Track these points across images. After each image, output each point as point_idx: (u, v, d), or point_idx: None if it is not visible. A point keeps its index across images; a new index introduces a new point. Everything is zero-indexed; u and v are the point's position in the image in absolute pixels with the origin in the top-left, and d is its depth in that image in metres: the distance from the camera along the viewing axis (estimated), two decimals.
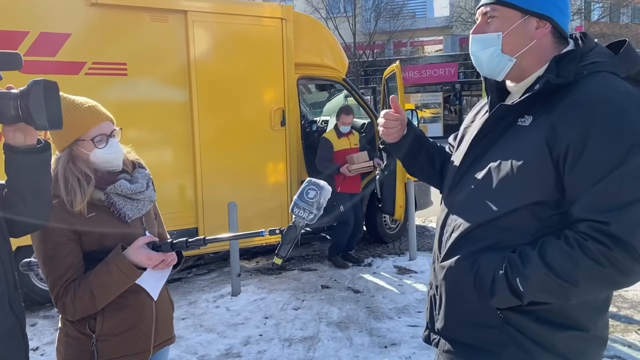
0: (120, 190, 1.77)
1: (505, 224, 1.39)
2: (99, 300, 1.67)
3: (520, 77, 1.49)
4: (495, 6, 1.43)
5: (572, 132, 1.29)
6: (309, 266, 6.29)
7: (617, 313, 4.59)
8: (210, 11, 5.59)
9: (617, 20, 27.90)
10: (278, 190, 6.15)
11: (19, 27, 4.66)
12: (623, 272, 1.26)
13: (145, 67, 5.24)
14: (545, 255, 1.31)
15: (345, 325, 4.45)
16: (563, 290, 1.31)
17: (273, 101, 6.03)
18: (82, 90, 4.79)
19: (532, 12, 1.42)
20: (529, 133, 1.37)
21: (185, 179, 5.58)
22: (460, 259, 1.45)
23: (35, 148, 1.53)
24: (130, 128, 4.94)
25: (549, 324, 1.37)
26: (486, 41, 1.46)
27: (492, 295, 1.37)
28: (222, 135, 5.69)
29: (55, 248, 1.67)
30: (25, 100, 1.40)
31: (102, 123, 1.76)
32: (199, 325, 4.51)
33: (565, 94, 1.35)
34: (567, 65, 1.37)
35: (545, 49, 1.44)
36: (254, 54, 5.83)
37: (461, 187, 1.53)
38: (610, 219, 1.23)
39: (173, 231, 5.25)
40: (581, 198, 1.28)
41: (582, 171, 1.28)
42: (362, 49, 24.92)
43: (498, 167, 1.41)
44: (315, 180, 1.59)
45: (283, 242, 1.59)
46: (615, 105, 1.28)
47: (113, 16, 5.05)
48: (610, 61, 1.39)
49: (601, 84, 1.33)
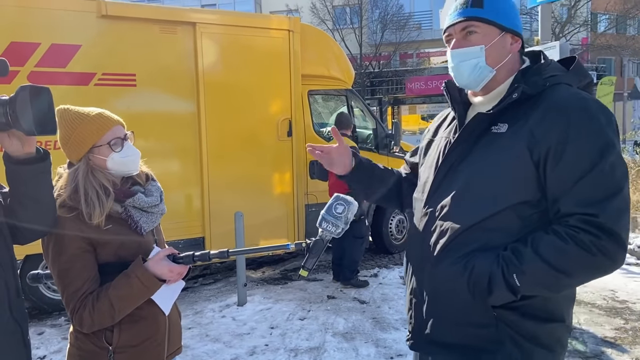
0: (138, 204, 1.78)
1: (491, 225, 1.47)
2: (118, 312, 1.66)
3: (490, 88, 1.60)
4: (477, 22, 1.54)
5: (551, 136, 1.41)
6: (315, 276, 6.29)
7: (624, 325, 4.56)
8: (218, 23, 5.66)
9: (623, 31, 27.90)
10: (284, 200, 6.18)
11: (30, 38, 4.74)
12: (611, 259, 1.37)
13: (154, 78, 5.30)
14: (538, 250, 1.39)
15: (352, 336, 4.44)
16: (557, 282, 1.41)
17: (280, 112, 6.07)
18: (92, 100, 4.87)
19: (508, 29, 1.55)
20: (508, 139, 1.48)
21: (192, 189, 5.61)
22: (453, 262, 1.51)
23: (33, 157, 1.52)
24: (138, 138, 4.96)
25: (534, 319, 1.47)
26: (469, 53, 1.55)
27: (490, 294, 1.44)
28: (229, 145, 5.73)
29: (71, 261, 1.65)
30: (13, 106, 1.40)
31: (114, 127, 1.77)
32: (205, 335, 4.52)
33: (534, 102, 1.47)
34: (532, 77, 1.51)
35: (514, 63, 1.59)
36: (261, 65, 5.88)
37: (441, 195, 1.59)
38: (598, 211, 1.35)
39: (179, 240, 5.29)
40: (567, 195, 1.39)
41: (564, 170, 1.39)
42: (369, 60, 25.02)
43: (480, 173, 1.51)
44: (343, 195, 1.66)
45: (310, 255, 1.64)
46: (587, 110, 1.42)
47: (123, 28, 5.13)
48: (565, 75, 1.54)
49: (568, 93, 1.47)
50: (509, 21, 1.55)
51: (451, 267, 1.51)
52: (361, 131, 7.29)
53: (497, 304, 1.46)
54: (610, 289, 5.56)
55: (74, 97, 4.64)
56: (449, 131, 1.69)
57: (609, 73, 26.35)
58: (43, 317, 5.03)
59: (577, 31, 24.25)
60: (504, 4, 1.56)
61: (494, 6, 1.54)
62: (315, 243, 1.64)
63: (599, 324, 4.62)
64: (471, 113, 1.63)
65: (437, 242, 1.56)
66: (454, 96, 1.69)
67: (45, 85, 1.48)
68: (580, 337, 4.32)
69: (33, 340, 4.48)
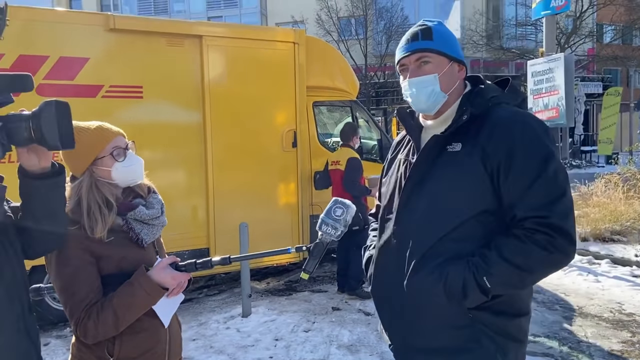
0: (139, 216, 1.80)
1: (458, 235, 1.63)
2: (122, 322, 1.67)
3: (441, 112, 1.77)
4: (429, 53, 1.72)
5: (500, 149, 1.59)
6: (320, 287, 6.28)
7: (631, 338, 4.52)
8: (224, 36, 5.72)
9: (629, 42, 27.87)
10: (289, 210, 6.19)
11: (39, 51, 4.80)
12: (564, 253, 1.56)
13: (160, 90, 5.35)
14: (502, 252, 1.56)
15: (356, 348, 4.42)
16: (521, 279, 1.60)
17: (285, 123, 6.10)
18: (99, 112, 4.91)
19: (455, 58, 1.75)
20: (463, 156, 1.65)
21: (198, 200, 5.64)
22: (428, 272, 1.64)
23: (50, 172, 1.53)
24: (144, 149, 5.02)
25: (504, 315, 1.64)
26: (426, 82, 1.72)
27: (465, 297, 1.58)
28: (235, 156, 5.76)
29: (74, 272, 1.67)
30: (37, 121, 1.40)
31: (115, 138, 1.79)
32: (209, 347, 4.51)
33: (482, 121, 1.65)
34: (476, 99, 1.70)
35: (460, 88, 1.78)
36: (267, 77, 5.93)
37: (409, 213, 1.73)
38: (548, 213, 1.53)
39: (184, 251, 5.29)
40: (519, 201, 1.57)
41: (514, 180, 1.57)
42: (374, 71, 25.09)
43: (443, 189, 1.67)
44: (341, 199, 1.73)
45: (310, 257, 1.70)
46: (526, 125, 1.62)
47: (130, 41, 5.19)
48: (503, 95, 1.74)
49: (509, 111, 1.67)
50: (455, 52, 1.75)
51: (427, 277, 1.64)
52: (366, 142, 7.31)
53: (472, 305, 1.60)
54: (617, 301, 5.52)
55: (82, 109, 4.68)
56: (406, 153, 1.85)
57: (615, 84, 26.28)
58: (48, 328, 5.04)
59: (582, 42, 24.24)
60: (448, 37, 1.76)
61: (442, 39, 1.73)
62: (315, 246, 1.69)
63: (605, 337, 4.58)
64: (425, 135, 1.80)
65: (411, 256, 1.68)
66: (407, 121, 1.87)
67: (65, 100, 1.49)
68: (587, 351, 4.28)
69: None
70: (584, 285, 6.13)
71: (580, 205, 8.75)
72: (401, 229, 1.74)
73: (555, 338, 4.56)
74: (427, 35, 1.72)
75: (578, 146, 22.65)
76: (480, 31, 24.86)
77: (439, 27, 1.75)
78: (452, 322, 1.64)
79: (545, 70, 7.90)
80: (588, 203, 8.91)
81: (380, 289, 1.82)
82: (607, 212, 8.37)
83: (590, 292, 5.88)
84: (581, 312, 5.26)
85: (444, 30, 1.76)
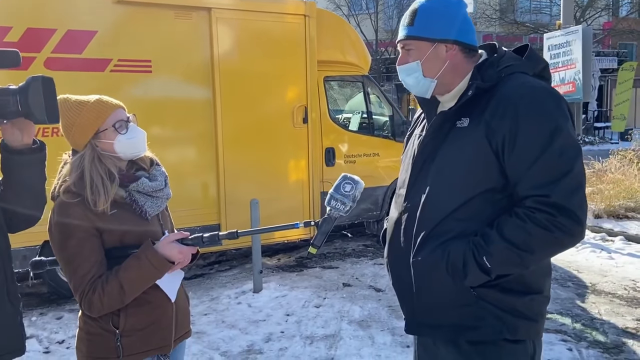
0: (142, 188, 1.78)
1: (464, 214, 1.60)
2: (128, 295, 1.67)
3: (446, 90, 1.72)
4: (409, 40, 1.69)
5: (504, 125, 1.53)
6: (330, 264, 6.28)
7: None
8: (234, 8, 5.61)
9: None
10: (300, 187, 6.15)
11: (46, 24, 4.73)
12: (568, 234, 1.50)
13: (169, 64, 5.28)
14: (502, 231, 1.52)
15: (367, 324, 4.43)
16: (522, 259, 1.53)
17: (295, 98, 6.02)
18: (107, 86, 4.87)
19: (438, 39, 1.65)
20: (469, 132, 1.60)
21: (208, 176, 5.61)
22: (432, 250, 1.63)
23: (31, 148, 1.59)
24: (154, 125, 4.99)
25: (512, 292, 1.59)
26: (409, 69, 1.70)
27: (465, 276, 1.56)
28: (245, 132, 5.70)
29: (78, 245, 1.66)
30: (25, 95, 1.48)
31: (116, 111, 1.77)
32: (221, 321, 4.54)
33: (492, 94, 1.59)
34: (487, 71, 1.64)
35: (460, 65, 1.68)
36: (277, 51, 5.83)
37: (418, 190, 1.70)
38: (549, 192, 1.48)
39: (196, 227, 5.28)
40: (522, 179, 1.52)
41: (518, 156, 1.52)
42: (384, 46, 24.77)
43: (449, 166, 1.64)
44: (350, 175, 1.71)
45: (318, 232, 1.69)
46: (534, 97, 1.54)
47: (138, 13, 5.11)
48: (520, 63, 1.65)
49: (519, 82, 1.58)
50: (440, 32, 1.65)
51: (431, 255, 1.62)
52: (377, 118, 7.21)
53: (474, 284, 1.58)
54: (631, 278, 5.46)
55: (90, 83, 4.64)
56: (421, 128, 1.82)
57: (631, 58, 25.75)
58: (61, 302, 5.09)
59: (598, 15, 23.70)
60: (434, 16, 1.65)
61: (423, 22, 1.66)
62: (324, 221, 1.69)
63: (619, 314, 4.54)
64: (439, 108, 1.76)
65: (417, 234, 1.67)
66: (419, 97, 1.80)
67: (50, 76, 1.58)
68: (601, 328, 4.25)
69: (52, 324, 4.56)
70: (597, 262, 6.07)
71: (594, 182, 8.66)
72: (410, 205, 1.72)
73: (568, 315, 4.53)
74: (410, 20, 1.68)
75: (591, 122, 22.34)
76: (493, 4, 24.34)
77: (426, 6, 1.66)
78: (456, 300, 1.62)
79: (562, 44, 7.71)
80: (602, 180, 8.80)
81: (393, 264, 1.82)
82: (622, 189, 8.28)
83: (603, 269, 5.82)
84: (594, 289, 5.22)
85: (433, 8, 1.66)
